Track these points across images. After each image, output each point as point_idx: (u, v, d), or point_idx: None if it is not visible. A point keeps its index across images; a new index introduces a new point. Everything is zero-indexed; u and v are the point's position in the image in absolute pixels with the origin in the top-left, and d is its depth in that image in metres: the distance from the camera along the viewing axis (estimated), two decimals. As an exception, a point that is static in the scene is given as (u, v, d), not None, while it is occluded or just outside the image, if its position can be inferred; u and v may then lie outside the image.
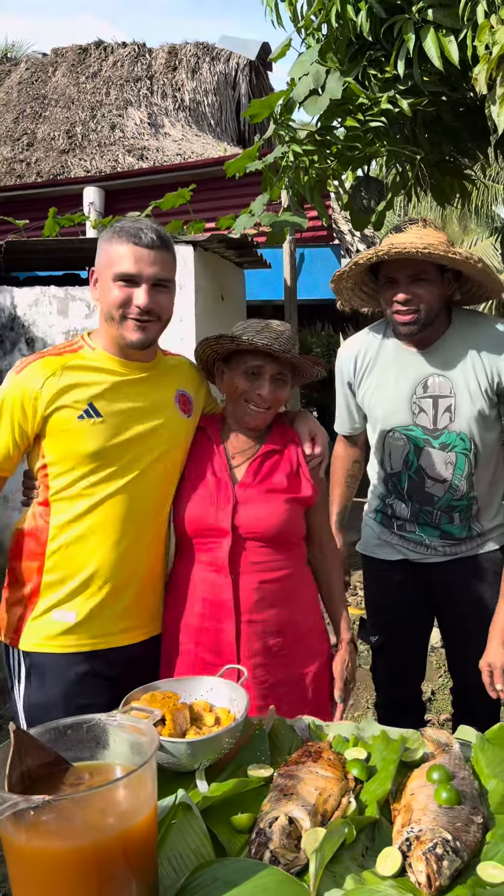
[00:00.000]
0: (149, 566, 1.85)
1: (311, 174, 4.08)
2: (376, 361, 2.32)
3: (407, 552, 2.34)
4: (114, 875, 1.00)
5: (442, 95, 3.72)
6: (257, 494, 1.84)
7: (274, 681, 1.82)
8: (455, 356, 2.21)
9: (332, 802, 1.26)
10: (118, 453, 1.77)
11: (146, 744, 1.09)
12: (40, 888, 1.00)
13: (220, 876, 1.10)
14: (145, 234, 1.73)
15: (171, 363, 1.95)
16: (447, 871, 1.09)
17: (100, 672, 1.77)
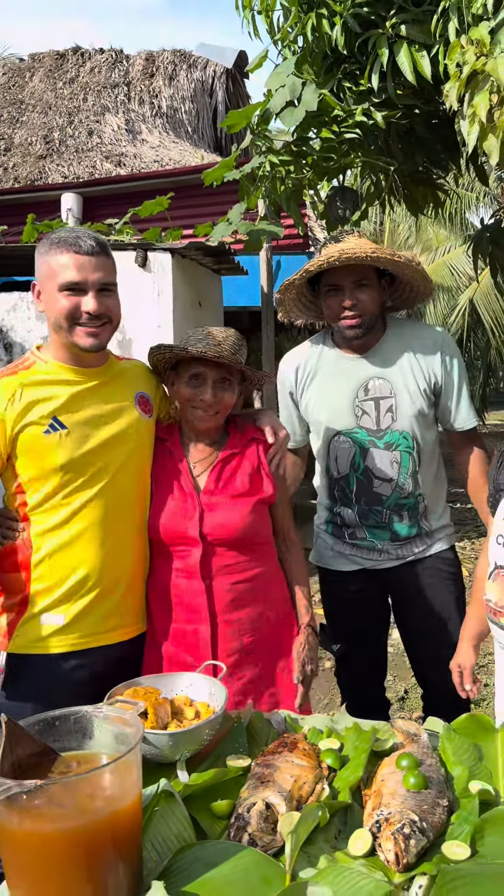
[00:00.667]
0: (133, 565, 1.91)
1: (287, 184, 4.15)
2: (317, 370, 2.40)
3: (362, 561, 2.41)
4: (102, 856, 1.06)
5: (415, 108, 3.81)
6: (221, 501, 1.91)
7: (251, 676, 1.89)
8: (393, 359, 2.32)
9: (307, 789, 1.33)
10: (89, 460, 1.82)
11: (131, 733, 1.15)
12: (32, 869, 1.05)
13: (202, 857, 1.17)
14: (84, 242, 1.77)
15: (125, 366, 1.99)
16: (414, 849, 1.16)
17: (86, 671, 1.82)
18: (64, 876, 1.05)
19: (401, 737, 1.54)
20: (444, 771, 1.40)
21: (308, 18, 3.48)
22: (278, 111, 3.79)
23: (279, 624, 1.97)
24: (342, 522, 2.41)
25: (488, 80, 2.91)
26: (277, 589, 2.00)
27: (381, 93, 3.48)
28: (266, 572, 1.96)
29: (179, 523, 1.88)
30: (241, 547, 1.91)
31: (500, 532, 1.86)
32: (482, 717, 1.58)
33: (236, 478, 1.94)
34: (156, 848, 1.20)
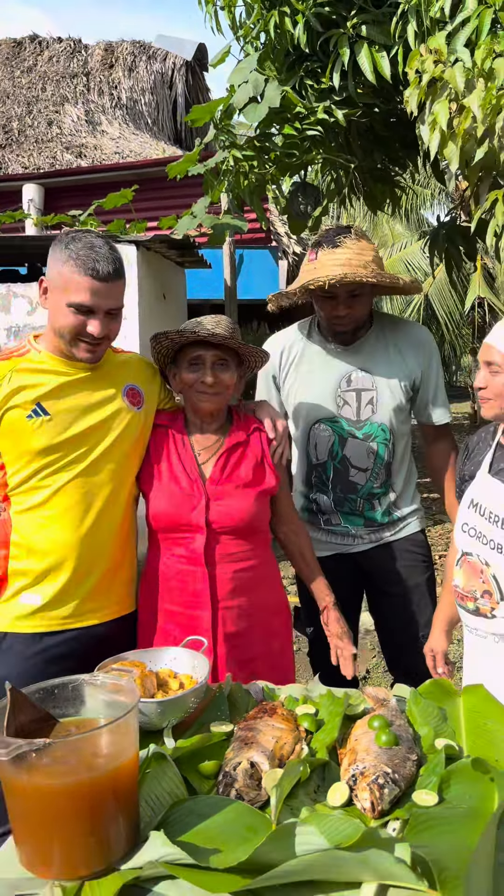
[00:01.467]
0: (112, 551, 1.98)
1: (250, 178, 4.22)
2: (301, 358, 2.48)
3: (336, 546, 2.50)
4: (104, 809, 1.15)
5: (374, 107, 3.92)
6: (227, 490, 1.99)
7: (248, 657, 2.00)
8: (376, 353, 2.42)
9: (288, 749, 1.43)
10: (68, 447, 1.89)
11: (128, 694, 1.24)
12: (39, 823, 1.14)
13: (194, 810, 1.26)
14: (102, 267, 1.81)
15: (120, 360, 2.07)
16: (387, 797, 1.28)
17: (65, 651, 1.90)
18: (69, 828, 1.13)
19: (371, 702, 1.65)
20: (412, 731, 1.52)
21: (271, 16, 3.55)
22: (241, 107, 3.86)
23: (275, 609, 2.09)
24: (318, 509, 2.50)
25: (447, 87, 3.04)
26: (273, 577, 2.11)
27: (341, 91, 3.57)
28: (264, 561, 2.06)
29: (184, 511, 1.96)
30: (243, 535, 2.00)
31: (465, 520, 1.97)
32: (445, 682, 1.70)
33: (241, 467, 2.02)
34: (150, 805, 1.29)
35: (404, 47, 3.33)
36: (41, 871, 1.15)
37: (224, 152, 4.04)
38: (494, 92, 2.84)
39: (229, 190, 4.29)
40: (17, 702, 1.22)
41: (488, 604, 1.88)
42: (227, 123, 4.05)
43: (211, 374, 1.98)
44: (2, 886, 1.15)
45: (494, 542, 1.86)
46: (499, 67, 2.89)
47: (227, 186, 4.30)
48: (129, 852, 1.18)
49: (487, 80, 2.92)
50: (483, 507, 1.92)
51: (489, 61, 2.92)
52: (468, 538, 1.95)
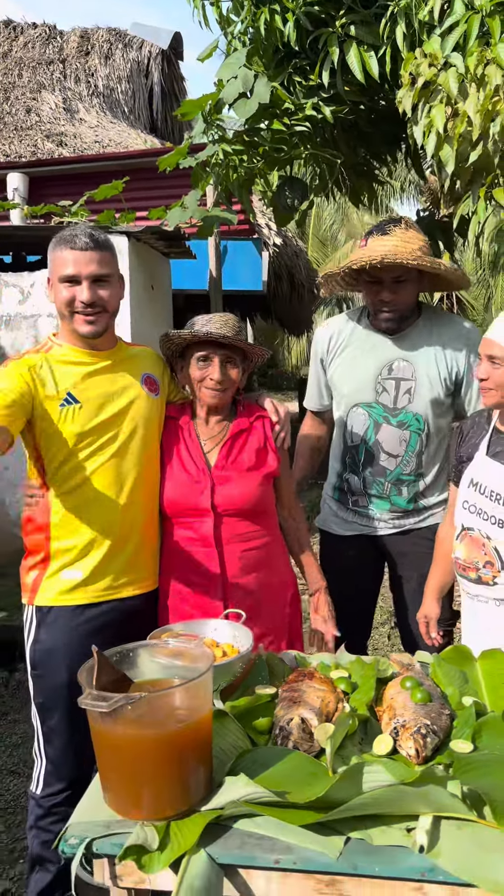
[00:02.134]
0: (143, 525, 2.11)
1: (239, 172, 4.30)
2: (349, 343, 2.57)
3: (360, 527, 2.60)
4: (187, 757, 1.29)
5: (361, 104, 4.04)
6: (231, 475, 2.13)
7: (257, 632, 2.12)
8: (420, 345, 2.49)
9: (332, 707, 1.58)
10: (99, 431, 2.02)
11: (200, 656, 1.38)
12: (131, 770, 1.27)
13: (258, 759, 1.41)
14: (79, 239, 1.97)
15: (134, 351, 2.20)
16: (430, 745, 1.43)
17: (104, 622, 2.02)
18: (157, 774, 1.27)
19: (397, 666, 1.81)
20: (439, 690, 1.68)
21: (261, 13, 3.65)
22: (231, 102, 3.95)
23: (281, 587, 2.22)
24: (348, 489, 2.60)
25: (440, 91, 3.18)
26: (280, 556, 2.24)
27: (330, 88, 3.68)
28: (271, 541, 2.20)
29: (191, 496, 2.09)
30: (250, 517, 2.13)
31: (465, 498, 2.15)
32: (464, 648, 1.87)
33: (244, 453, 2.16)
34: (216, 756, 1.43)
35: (392, 48, 3.45)
36: (133, 813, 1.28)
37: (214, 146, 4.13)
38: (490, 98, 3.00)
39: (218, 183, 4.38)
40: (101, 663, 1.34)
41: (490, 573, 2.06)
42: (216, 118, 4.14)
43: (219, 371, 2.11)
44: (96, 827, 1.28)
45: (496, 518, 2.04)
46: (490, 74, 3.04)
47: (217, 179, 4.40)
48: (207, 796, 1.32)
49: (480, 86, 3.07)
50: (483, 486, 2.09)
51: (481, 68, 3.07)
52: (469, 514, 2.12)
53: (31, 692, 2.06)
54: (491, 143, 3.05)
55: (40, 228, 4.98)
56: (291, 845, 1.23)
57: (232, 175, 4.29)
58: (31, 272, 5.00)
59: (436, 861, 1.18)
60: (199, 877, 1.19)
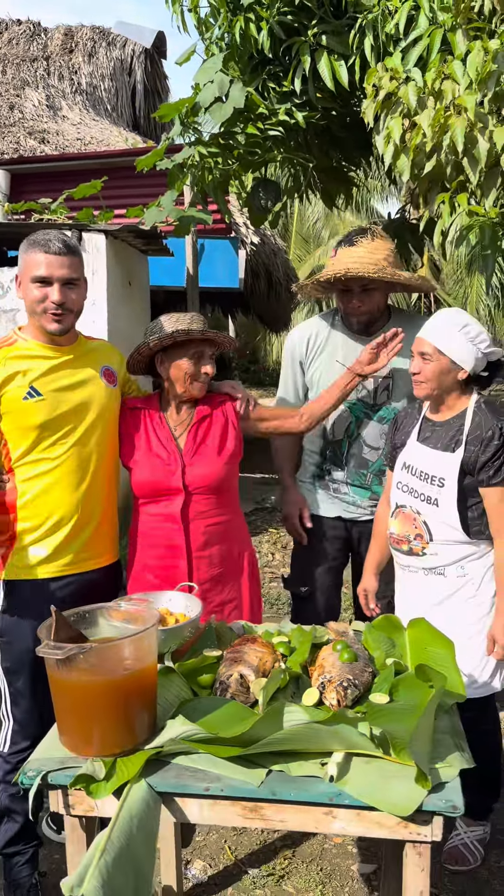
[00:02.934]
0: (103, 506, 2.29)
1: (215, 174, 4.47)
2: (326, 345, 2.76)
3: (340, 511, 2.79)
4: (132, 702, 1.48)
5: (332, 110, 4.21)
6: (199, 457, 2.32)
7: (220, 600, 2.35)
8: None
9: (269, 665, 1.77)
10: (61, 422, 2.19)
11: (148, 616, 1.57)
12: (83, 713, 1.46)
13: (198, 707, 1.60)
14: (53, 244, 2.15)
15: (93, 345, 2.37)
16: (350, 696, 1.63)
17: (68, 593, 2.20)
18: (106, 716, 1.45)
19: (333, 634, 2.00)
20: (367, 653, 1.87)
21: (237, 21, 3.81)
22: (207, 106, 4.12)
23: (240, 558, 2.43)
24: (330, 478, 2.79)
25: (400, 102, 3.37)
26: (239, 529, 2.45)
27: (302, 95, 3.86)
28: (232, 518, 2.40)
29: (164, 477, 2.28)
30: (213, 494, 2.33)
31: (399, 479, 2.39)
32: (394, 618, 2.06)
33: (209, 436, 2.35)
34: (162, 705, 1.62)
35: (361, 58, 3.63)
36: (84, 750, 1.47)
37: (190, 149, 4.30)
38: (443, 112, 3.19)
39: (194, 184, 4.55)
40: (59, 622, 1.53)
41: (420, 544, 2.31)
42: (192, 121, 4.31)
43: (211, 366, 2.33)
44: (52, 762, 1.47)
45: (425, 496, 2.30)
46: (447, 89, 3.23)
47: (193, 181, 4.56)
48: (150, 736, 1.51)
49: (437, 100, 3.26)
50: (414, 467, 2.34)
51: (438, 82, 3.26)
52: (402, 493, 2.37)
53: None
54: (443, 154, 3.25)
55: (21, 225, 5.12)
56: (220, 776, 1.42)
57: (207, 177, 4.46)
58: (11, 267, 5.14)
59: (343, 788, 1.38)
60: (138, 801, 1.38)
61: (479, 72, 2.99)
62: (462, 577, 2.29)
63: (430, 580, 2.32)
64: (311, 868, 2.47)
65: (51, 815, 2.65)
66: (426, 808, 1.35)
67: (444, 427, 2.32)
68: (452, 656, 1.82)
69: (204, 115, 4.31)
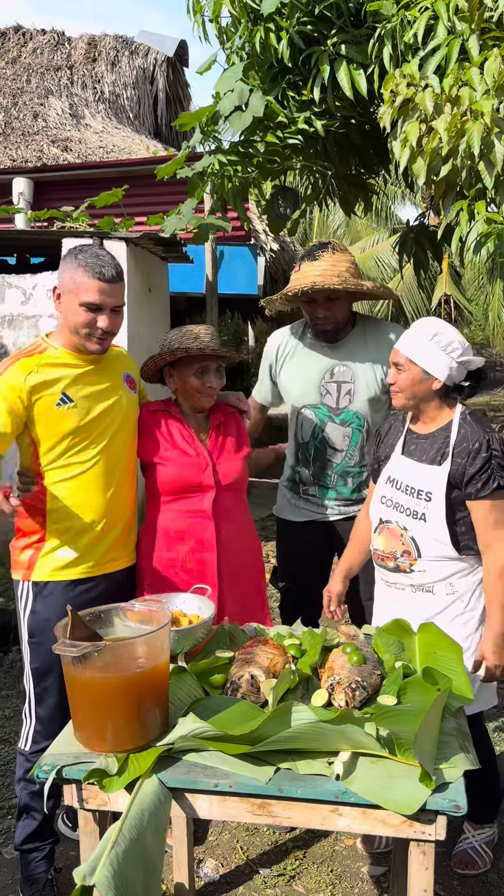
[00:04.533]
0: (128, 509, 2.37)
1: (234, 182, 4.52)
2: (295, 352, 2.89)
3: (311, 514, 2.89)
4: (145, 699, 1.52)
5: (351, 119, 4.26)
6: (224, 456, 2.46)
7: (243, 588, 2.47)
8: (357, 351, 2.80)
9: (280, 666, 1.81)
10: (91, 428, 2.26)
11: (161, 617, 1.61)
12: (97, 709, 1.50)
13: (210, 706, 1.64)
14: (107, 272, 2.19)
15: (113, 353, 2.43)
16: (358, 698, 1.66)
17: (93, 593, 2.26)
18: (119, 713, 1.50)
19: (343, 637, 2.03)
20: (377, 656, 1.90)
21: (257, 31, 3.87)
22: (227, 114, 4.18)
23: (254, 549, 2.58)
24: (300, 480, 2.90)
25: (417, 108, 3.41)
26: (250, 523, 2.59)
27: (321, 103, 3.90)
28: (245, 513, 2.55)
29: (195, 473, 2.39)
30: (236, 491, 2.47)
31: (382, 494, 2.37)
32: (403, 622, 2.09)
33: (228, 440, 2.50)
34: (174, 704, 1.66)
35: (380, 67, 3.67)
36: (98, 746, 1.52)
37: (210, 157, 4.36)
38: (459, 118, 3.22)
39: (214, 192, 4.61)
40: (75, 621, 1.57)
41: (407, 561, 2.28)
42: (212, 129, 4.37)
43: (216, 380, 2.43)
44: (66, 758, 1.52)
45: (412, 511, 2.27)
46: (464, 95, 3.27)
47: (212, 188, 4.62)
48: (162, 734, 1.55)
49: (454, 106, 3.29)
50: (399, 481, 2.32)
51: (455, 89, 3.29)
52: (386, 508, 2.35)
53: (26, 660, 2.28)
54: (459, 159, 3.28)
55: (44, 232, 5.21)
56: (229, 773, 1.46)
57: (227, 185, 4.51)
58: (34, 274, 5.23)
59: (349, 786, 1.41)
60: (149, 796, 1.42)
61: (496, 79, 3.02)
62: (451, 594, 2.25)
63: (417, 597, 2.28)
64: (322, 869, 2.50)
65: (66, 813, 2.70)
66: (430, 808, 1.38)
67: (429, 440, 2.30)
68: (460, 659, 1.85)
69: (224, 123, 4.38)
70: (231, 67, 4.24)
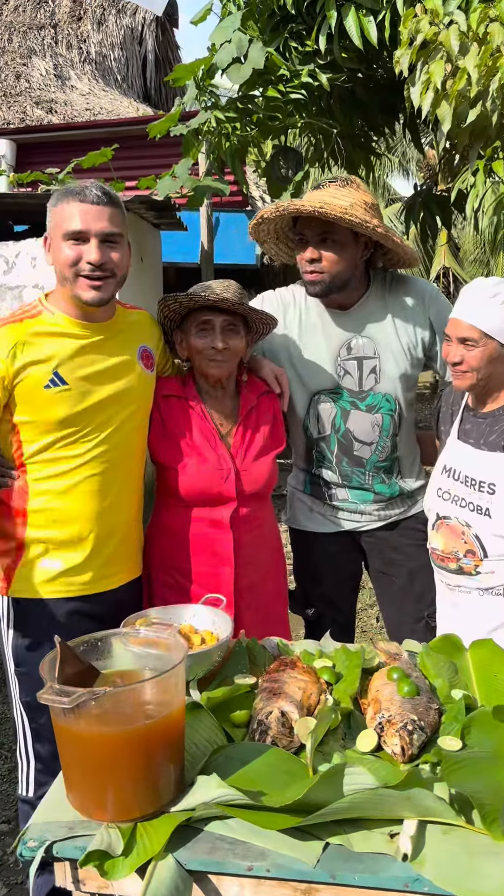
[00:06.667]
0: (129, 517, 1.99)
1: (232, 140, 4.19)
2: (298, 325, 2.32)
3: (342, 523, 2.38)
4: (156, 755, 1.20)
5: (358, 72, 3.92)
6: (251, 460, 2.06)
7: (261, 605, 2.11)
8: (376, 317, 2.27)
9: (314, 699, 1.49)
10: (88, 417, 1.86)
11: (174, 647, 1.29)
12: (95, 768, 1.18)
13: (234, 755, 1.32)
14: (90, 192, 1.78)
15: (132, 319, 2.02)
16: (416, 742, 1.35)
17: (87, 613, 1.91)
18: (123, 773, 1.18)
19: (384, 656, 1.72)
20: (427, 682, 1.59)
21: (257, -26, 3.53)
22: (224, 67, 3.83)
23: (275, 558, 2.20)
24: (323, 483, 2.39)
25: (440, 49, 3.06)
26: (272, 525, 2.20)
27: (327, 55, 3.57)
28: (268, 518, 2.16)
29: (216, 483, 2.01)
30: (260, 499, 2.09)
31: (439, 486, 2.05)
32: (454, 637, 1.78)
33: (258, 434, 2.09)
34: (190, 751, 1.34)
35: (392, 12, 3.34)
36: (97, 814, 1.20)
37: (206, 113, 4.01)
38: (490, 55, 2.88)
39: (210, 152, 4.26)
40: (64, 654, 1.25)
41: (472, 562, 1.97)
42: (209, 84, 4.01)
43: (221, 339, 1.99)
44: (57, 828, 1.20)
45: (474, 505, 1.95)
46: (493, 32, 2.92)
47: (208, 148, 4.28)
48: (178, 796, 1.23)
49: (481, 45, 2.95)
50: (457, 472, 2.00)
51: (484, 26, 2.95)
52: (443, 502, 2.02)
53: (14, 691, 1.93)
54: (490, 101, 2.94)
55: (27, 196, 4.83)
56: (265, 851, 1.14)
57: (224, 143, 4.17)
58: (17, 242, 4.85)
59: (421, 871, 1.10)
60: (165, 884, 1.11)
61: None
62: None
63: (486, 601, 1.98)
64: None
65: None
66: (527, 900, 1.07)
67: (489, 420, 1.98)
68: (529, 686, 1.55)
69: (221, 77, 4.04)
70: (228, 17, 3.90)
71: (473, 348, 1.88)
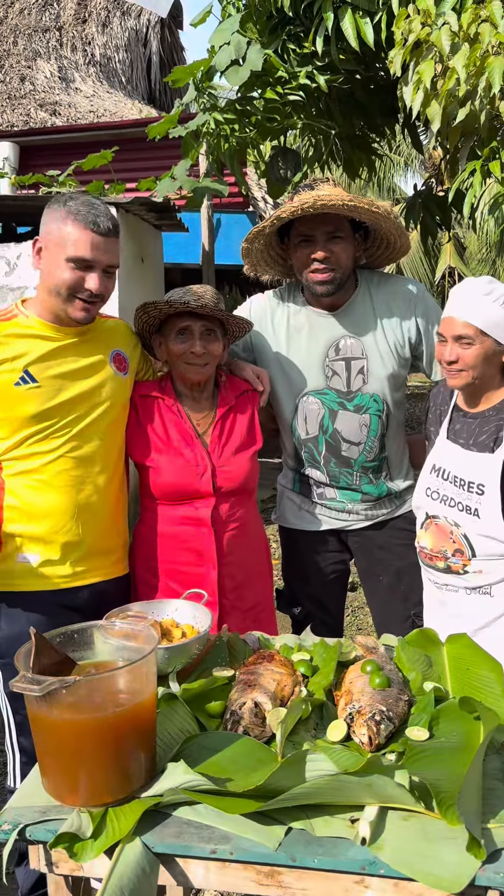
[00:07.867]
0: (108, 512, 2.03)
1: (231, 142, 4.22)
2: (286, 325, 2.34)
3: (332, 522, 2.40)
4: (126, 742, 1.24)
5: (356, 73, 3.94)
6: (227, 457, 2.09)
7: (249, 605, 2.14)
8: (364, 317, 2.29)
9: (288, 691, 1.53)
10: (59, 414, 1.92)
11: (145, 638, 1.33)
12: (68, 755, 1.23)
13: (206, 744, 1.36)
14: (103, 223, 1.85)
15: (107, 325, 2.08)
16: (384, 732, 1.39)
17: (70, 606, 1.95)
18: (94, 760, 1.22)
19: (361, 649, 1.75)
20: (401, 675, 1.63)
21: (255, -23, 3.56)
22: (223, 69, 3.86)
23: (260, 556, 2.22)
24: (312, 482, 2.41)
25: (432, 49, 3.08)
26: (256, 524, 2.23)
27: (324, 56, 3.59)
28: (252, 517, 2.18)
29: (192, 479, 2.04)
30: (239, 495, 2.11)
31: (428, 485, 2.07)
32: (430, 631, 1.82)
33: (234, 432, 2.12)
34: (164, 741, 1.38)
35: (388, 14, 3.36)
36: (69, 799, 1.24)
37: (205, 115, 4.04)
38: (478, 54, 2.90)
39: (210, 153, 4.29)
40: (40, 645, 1.29)
41: (460, 562, 1.99)
42: (207, 85, 4.05)
43: (200, 344, 2.04)
44: (31, 812, 1.24)
45: (463, 505, 1.96)
46: (484, 32, 2.94)
47: (208, 149, 4.31)
48: (148, 782, 1.27)
49: (472, 45, 2.97)
50: (447, 471, 2.02)
51: (475, 26, 2.96)
52: (432, 502, 2.04)
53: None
54: (478, 100, 2.96)
55: (29, 198, 4.88)
56: (230, 835, 1.19)
57: (223, 145, 4.20)
58: (18, 243, 4.90)
59: (378, 854, 1.14)
60: (131, 866, 1.15)
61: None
62: None
63: (473, 600, 2.00)
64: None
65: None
66: (479, 883, 1.11)
67: (479, 420, 1.99)
68: (500, 680, 1.58)
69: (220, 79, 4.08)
70: (228, 19, 3.94)
71: (470, 346, 1.90)
